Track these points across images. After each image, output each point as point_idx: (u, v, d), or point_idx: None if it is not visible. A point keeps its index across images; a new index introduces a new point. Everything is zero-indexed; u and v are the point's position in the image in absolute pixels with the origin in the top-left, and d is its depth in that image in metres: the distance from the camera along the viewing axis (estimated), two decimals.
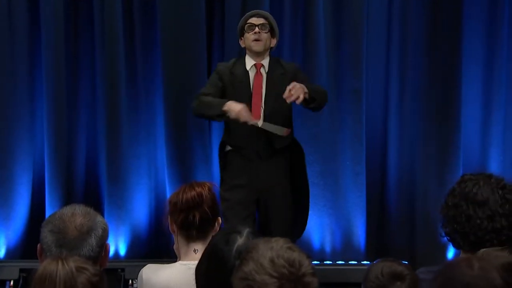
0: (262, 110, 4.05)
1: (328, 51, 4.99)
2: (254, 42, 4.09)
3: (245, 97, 4.03)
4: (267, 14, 4.27)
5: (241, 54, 4.35)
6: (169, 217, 2.63)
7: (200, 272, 2.09)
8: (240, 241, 2.08)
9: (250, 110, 3.99)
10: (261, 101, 4.06)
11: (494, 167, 4.97)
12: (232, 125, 4.07)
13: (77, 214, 2.17)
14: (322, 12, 4.96)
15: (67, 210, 2.20)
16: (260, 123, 3.98)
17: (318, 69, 4.97)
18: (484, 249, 2.10)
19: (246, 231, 2.13)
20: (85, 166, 5.12)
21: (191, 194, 2.57)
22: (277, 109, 4.06)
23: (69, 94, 5.02)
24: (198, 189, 2.58)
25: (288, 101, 3.92)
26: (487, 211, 2.22)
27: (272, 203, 4.11)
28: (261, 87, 4.08)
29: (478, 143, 5.09)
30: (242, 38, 4.17)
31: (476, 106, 5.07)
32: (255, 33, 4.09)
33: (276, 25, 4.20)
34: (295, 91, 3.90)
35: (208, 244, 2.17)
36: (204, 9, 4.95)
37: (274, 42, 4.19)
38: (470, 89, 5.05)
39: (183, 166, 4.98)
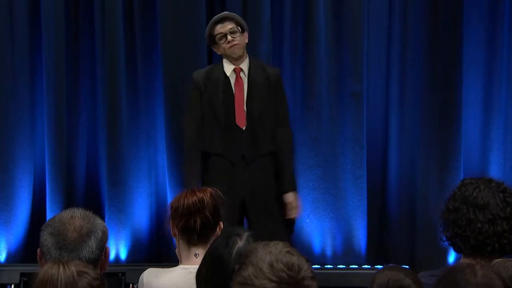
0: (245, 115, 4.06)
1: (329, 55, 4.98)
2: (232, 48, 4.04)
3: (230, 104, 4.05)
4: (231, 15, 4.17)
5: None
6: (170, 221, 2.65)
7: (201, 276, 2.09)
8: (240, 244, 2.10)
9: (235, 116, 4.03)
10: (244, 106, 4.05)
11: (495, 171, 4.96)
12: (213, 133, 4.10)
13: (76, 217, 2.18)
14: (323, 16, 4.96)
15: (66, 213, 2.21)
16: None
17: (318, 73, 4.97)
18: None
19: (246, 234, 2.15)
20: (85, 170, 5.12)
21: (192, 199, 2.58)
22: (262, 113, 4.07)
23: (70, 97, 5.02)
24: (200, 195, 2.60)
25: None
26: (488, 214, 2.24)
27: (259, 205, 4.12)
28: (242, 92, 4.07)
29: (479, 147, 5.08)
30: (215, 46, 4.11)
31: (477, 110, 5.07)
32: (228, 42, 4.04)
33: (242, 20, 4.15)
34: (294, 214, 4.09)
35: (209, 248, 2.18)
36: (204, 11, 4.95)
37: (246, 36, 4.13)
38: (471, 92, 5.04)
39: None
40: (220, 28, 4.07)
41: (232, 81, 4.08)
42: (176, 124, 4.91)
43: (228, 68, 4.10)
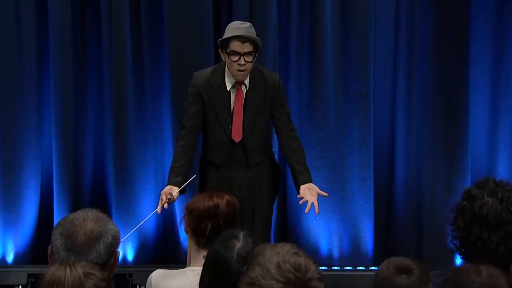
0: (242, 130, 4.06)
1: (335, 55, 4.99)
2: (237, 73, 3.95)
3: (227, 118, 4.05)
4: (254, 38, 3.95)
5: None
6: (185, 219, 2.68)
7: (204, 283, 2.11)
8: (238, 245, 2.11)
9: (231, 129, 4.03)
10: (241, 121, 4.04)
11: (502, 172, 4.96)
12: (209, 142, 4.12)
13: (89, 219, 2.16)
14: (329, 16, 4.97)
15: (80, 214, 2.19)
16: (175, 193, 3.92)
17: (325, 74, 4.98)
18: None
19: (241, 234, 2.18)
20: (93, 171, 5.13)
21: (208, 204, 2.61)
22: (255, 125, 4.07)
23: (77, 99, 5.04)
24: (216, 200, 2.62)
25: (307, 211, 3.99)
26: (500, 232, 2.21)
27: (253, 204, 4.13)
28: (242, 106, 4.04)
29: (486, 148, 5.08)
30: (224, 51, 3.96)
31: (484, 111, 5.07)
32: (239, 64, 3.91)
33: (260, 42, 4.00)
34: (310, 200, 3.96)
35: (207, 255, 2.18)
36: (211, 13, 4.96)
37: (255, 57, 3.98)
38: (478, 94, 5.04)
39: (191, 171, 4.99)
40: (237, 46, 3.90)
41: (233, 96, 4.04)
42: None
43: (230, 81, 4.02)
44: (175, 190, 3.88)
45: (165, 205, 3.84)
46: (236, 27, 3.97)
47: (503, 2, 4.98)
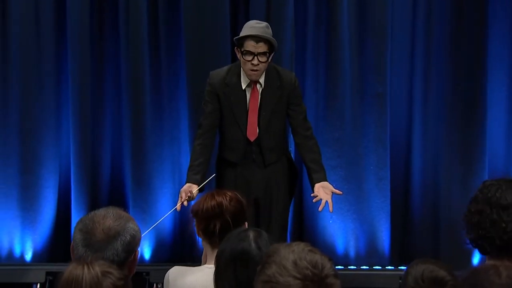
0: (257, 129, 4.07)
1: (352, 55, 4.99)
2: (251, 72, 3.95)
3: (242, 116, 4.06)
4: (269, 38, 3.94)
5: None
6: (195, 222, 2.70)
7: (220, 274, 2.11)
8: (252, 235, 2.13)
9: (246, 128, 4.05)
10: (257, 120, 4.06)
11: None
12: (226, 141, 4.14)
13: (109, 217, 2.17)
14: (346, 16, 4.97)
15: (101, 211, 2.21)
16: (195, 192, 3.93)
17: (342, 73, 4.98)
18: None
19: (249, 228, 2.21)
20: (110, 170, 5.16)
21: (211, 203, 2.63)
22: (271, 124, 4.08)
23: (94, 98, 5.07)
24: (219, 199, 2.64)
25: (320, 209, 4.00)
26: (511, 214, 2.22)
27: (270, 204, 4.14)
28: (257, 105, 4.05)
29: (503, 147, 5.06)
30: (239, 51, 3.96)
31: (501, 110, 5.04)
32: (253, 64, 3.91)
33: (276, 43, 3.99)
34: (324, 198, 3.98)
35: (222, 253, 2.18)
36: (228, 12, 4.98)
37: (271, 57, 3.99)
38: (495, 92, 5.02)
39: (208, 171, 4.99)
40: (251, 45, 3.90)
41: (248, 95, 4.06)
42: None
43: (245, 79, 4.04)
44: (195, 188, 3.91)
45: (185, 203, 3.88)
46: (252, 27, 3.97)
47: None
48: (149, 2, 4.98)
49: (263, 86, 4.05)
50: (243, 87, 4.04)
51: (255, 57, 3.90)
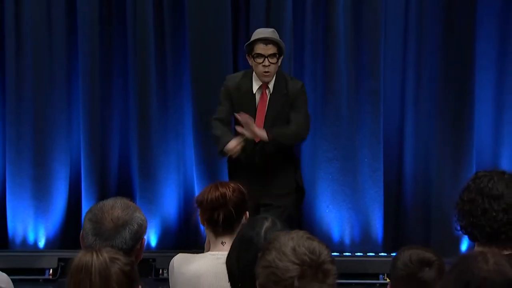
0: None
1: (348, 55, 5.04)
2: (263, 75, 4.07)
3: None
4: (277, 40, 4.10)
5: None
6: (198, 212, 2.75)
7: (232, 260, 2.13)
8: (267, 223, 2.13)
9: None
10: (262, 123, 4.15)
11: (506, 165, 5.01)
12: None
13: (117, 207, 2.21)
14: (342, 17, 5.02)
15: (109, 201, 2.24)
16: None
17: (338, 72, 5.04)
18: None
19: (270, 217, 2.20)
20: (118, 163, 5.23)
21: (215, 194, 2.66)
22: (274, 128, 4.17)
23: (103, 95, 5.14)
24: (222, 190, 2.67)
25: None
26: (502, 204, 2.24)
27: (274, 201, 4.24)
28: (265, 110, 4.16)
29: (491, 141, 5.12)
30: (250, 56, 4.10)
31: (489, 106, 5.10)
32: (264, 65, 4.04)
33: (283, 45, 4.14)
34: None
35: (237, 234, 2.23)
36: (230, 13, 5.03)
37: (280, 61, 4.13)
38: (483, 89, 5.07)
39: (210, 163, 5.07)
40: (261, 48, 4.05)
41: (257, 99, 4.17)
42: (203, 120, 4.98)
43: (256, 84, 4.17)
44: (238, 140, 4.02)
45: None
46: (260, 32, 4.15)
47: (508, 3, 5.03)
48: (155, 5, 5.05)
49: (271, 92, 4.17)
50: (254, 91, 4.17)
51: (266, 59, 4.05)
